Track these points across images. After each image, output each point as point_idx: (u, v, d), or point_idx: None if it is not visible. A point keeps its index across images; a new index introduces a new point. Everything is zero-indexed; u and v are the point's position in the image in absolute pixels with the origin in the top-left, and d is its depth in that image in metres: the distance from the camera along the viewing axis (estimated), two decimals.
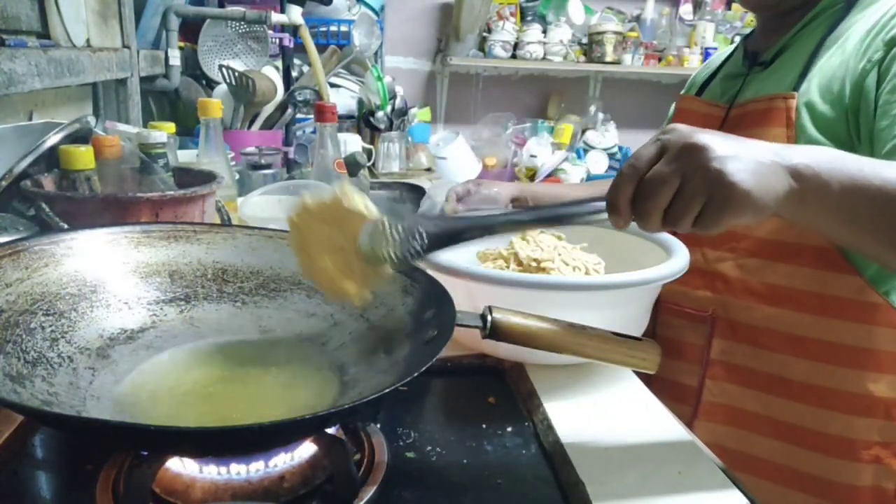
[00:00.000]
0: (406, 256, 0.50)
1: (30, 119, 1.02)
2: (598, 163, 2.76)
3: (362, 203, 0.52)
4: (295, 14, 1.61)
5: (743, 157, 0.46)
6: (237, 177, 1.14)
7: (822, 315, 0.76)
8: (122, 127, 1.02)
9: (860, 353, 0.75)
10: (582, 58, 2.76)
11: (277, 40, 1.79)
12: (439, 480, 0.51)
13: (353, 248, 0.51)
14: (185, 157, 1.11)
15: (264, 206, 0.95)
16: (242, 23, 1.63)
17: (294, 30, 1.69)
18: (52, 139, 0.72)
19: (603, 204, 0.50)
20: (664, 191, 0.47)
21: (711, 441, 0.60)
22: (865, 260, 0.73)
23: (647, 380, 0.66)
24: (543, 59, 2.70)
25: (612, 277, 0.67)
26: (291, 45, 1.81)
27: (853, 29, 0.74)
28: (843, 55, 0.73)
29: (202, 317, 0.59)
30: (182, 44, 1.58)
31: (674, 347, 0.88)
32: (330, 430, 0.48)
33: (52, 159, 0.72)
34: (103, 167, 0.74)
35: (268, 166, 1.26)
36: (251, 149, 1.33)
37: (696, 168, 0.46)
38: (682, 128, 0.48)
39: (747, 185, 0.45)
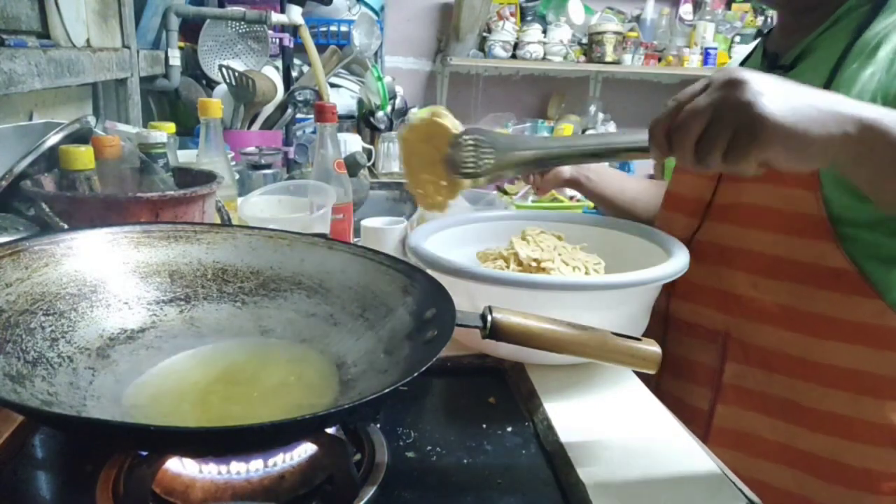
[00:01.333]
0: (478, 169, 0.60)
1: (30, 119, 1.02)
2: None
3: (450, 121, 0.63)
4: (295, 14, 1.61)
5: (787, 95, 0.46)
6: (237, 177, 1.14)
7: (839, 340, 0.72)
8: (122, 127, 1.02)
9: (880, 380, 0.71)
10: (582, 58, 2.75)
11: (277, 40, 1.79)
12: (439, 480, 0.51)
13: (441, 161, 0.63)
14: (185, 157, 1.11)
15: (264, 206, 0.95)
16: (242, 23, 1.63)
17: (294, 30, 1.69)
18: (52, 139, 0.72)
19: (646, 136, 0.52)
20: (695, 122, 0.48)
21: None
22: (888, 283, 0.69)
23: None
24: (543, 59, 2.70)
25: (612, 277, 0.67)
26: (291, 45, 1.81)
27: (886, 37, 0.68)
28: (873, 66, 0.68)
29: (202, 317, 0.59)
30: (182, 44, 1.58)
31: (684, 367, 0.84)
32: (330, 430, 0.48)
33: (52, 159, 0.72)
34: (103, 167, 0.74)
35: (268, 166, 1.26)
36: (251, 149, 1.33)
37: (728, 100, 0.46)
38: (733, 66, 0.50)
39: (780, 118, 0.44)
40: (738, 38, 2.84)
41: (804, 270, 0.72)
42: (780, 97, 0.46)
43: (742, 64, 0.90)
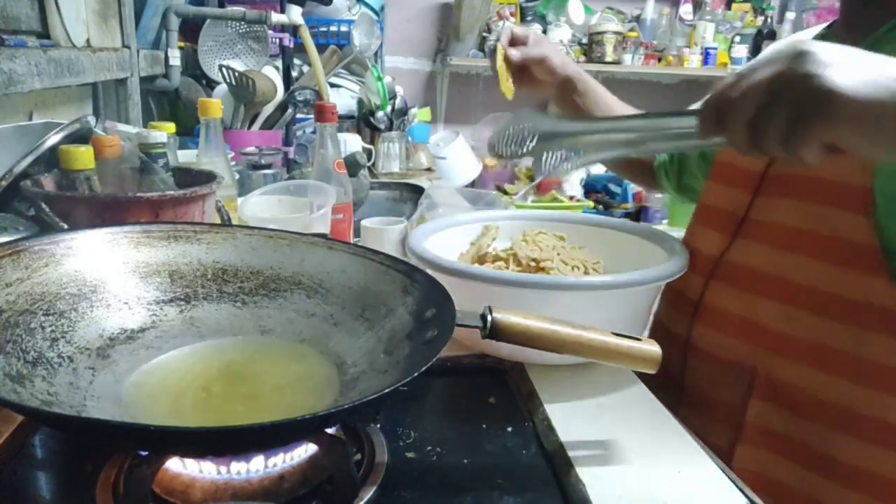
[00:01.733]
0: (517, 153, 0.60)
1: (30, 119, 1.02)
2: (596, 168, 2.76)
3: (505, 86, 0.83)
4: (295, 14, 1.61)
5: (860, 66, 0.39)
6: (237, 177, 1.14)
7: (887, 391, 0.62)
8: (122, 127, 1.02)
9: None
10: (582, 58, 2.76)
11: (277, 40, 1.79)
12: (439, 480, 0.51)
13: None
14: (185, 157, 1.11)
15: (264, 206, 0.95)
16: (242, 23, 1.63)
17: (294, 30, 1.69)
18: (52, 139, 0.72)
19: (694, 116, 0.46)
20: (752, 96, 0.41)
21: None
22: None
23: None
24: None
25: (611, 277, 0.67)
26: (291, 45, 1.81)
27: None
28: None
29: (202, 317, 0.59)
30: (182, 44, 1.58)
31: (703, 401, 0.76)
32: (330, 430, 0.48)
33: (52, 159, 0.72)
34: (103, 167, 0.74)
35: (268, 166, 1.26)
36: (251, 149, 1.33)
37: (791, 73, 0.40)
38: (805, 39, 0.44)
39: (850, 90, 0.38)
40: (738, 38, 2.84)
41: (849, 307, 0.63)
42: (851, 68, 0.39)
43: None
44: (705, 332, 0.75)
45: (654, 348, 0.54)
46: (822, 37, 0.75)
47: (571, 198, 2.65)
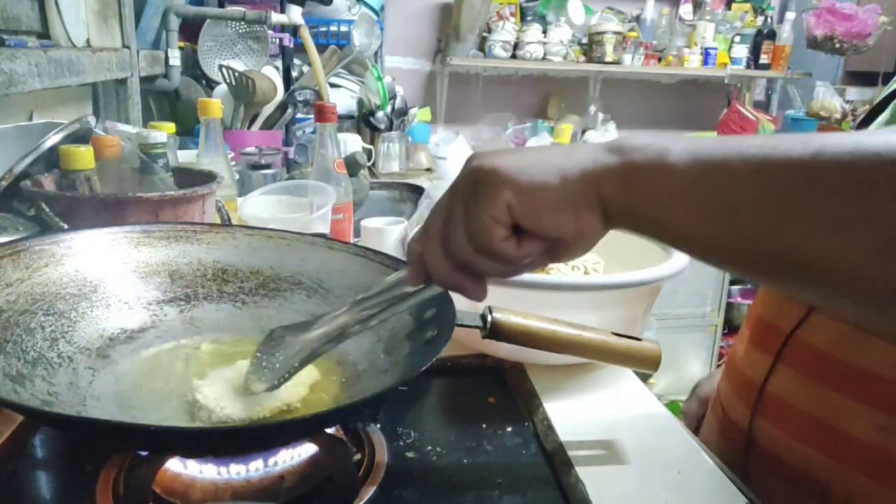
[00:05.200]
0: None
1: (30, 119, 1.02)
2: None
3: None
4: (295, 14, 1.61)
5: (519, 153, 0.37)
6: (237, 177, 1.14)
7: None
8: (122, 127, 1.02)
9: None
10: (582, 58, 2.75)
11: (277, 40, 1.79)
12: (439, 480, 0.51)
13: None
14: (185, 157, 1.10)
15: (264, 206, 0.95)
16: (242, 23, 1.63)
17: (294, 30, 1.69)
18: (52, 139, 0.72)
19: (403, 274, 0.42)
20: (436, 217, 0.38)
21: None
22: None
23: None
24: (543, 59, 2.70)
25: (611, 277, 0.67)
26: (291, 45, 1.81)
27: None
28: None
29: (202, 317, 0.59)
30: (182, 44, 1.58)
31: None
32: (330, 430, 0.48)
33: (52, 159, 0.72)
34: (103, 167, 0.74)
35: (268, 166, 1.26)
36: (251, 149, 1.33)
37: (458, 181, 0.38)
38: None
39: (501, 163, 0.35)
40: (738, 38, 2.84)
41: None
42: (511, 154, 0.37)
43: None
44: (768, 427, 0.59)
45: (653, 348, 0.54)
46: None
47: None
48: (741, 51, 2.80)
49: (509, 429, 0.58)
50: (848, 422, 0.53)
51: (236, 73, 1.47)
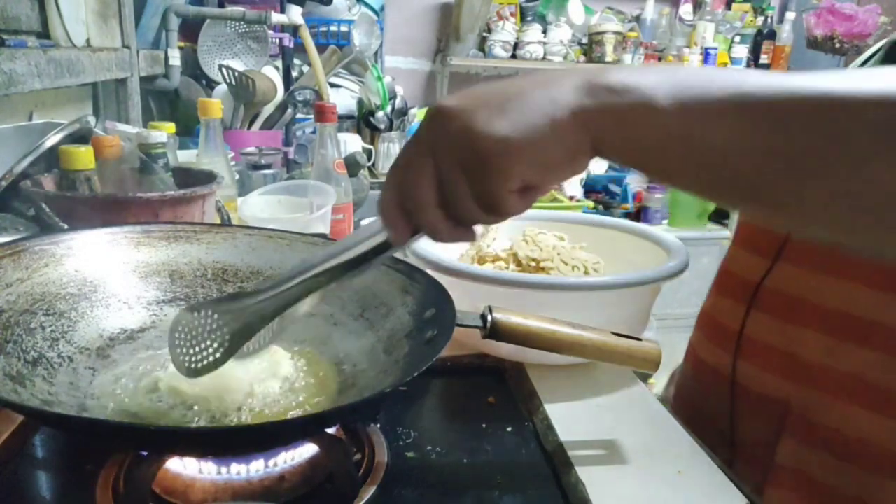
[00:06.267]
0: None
1: (30, 119, 1.02)
2: (597, 162, 2.77)
3: None
4: (295, 14, 1.61)
5: (501, 100, 0.35)
6: (237, 177, 1.14)
7: None
8: (122, 127, 1.02)
9: None
10: (582, 58, 2.75)
11: (277, 40, 1.79)
12: (439, 480, 0.51)
13: None
14: (185, 157, 1.11)
15: (264, 206, 0.95)
16: (242, 23, 1.63)
17: (294, 30, 1.69)
18: (52, 139, 0.72)
19: (378, 226, 0.40)
20: (422, 177, 0.36)
21: None
22: None
23: None
24: (543, 59, 2.70)
25: (611, 277, 0.67)
26: (291, 45, 1.81)
27: None
28: None
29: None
30: (182, 44, 1.59)
31: (740, 442, 0.69)
32: (330, 430, 0.48)
33: (52, 159, 0.72)
34: (103, 167, 0.74)
35: (268, 166, 1.26)
36: (251, 149, 1.33)
37: (439, 138, 0.36)
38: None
39: (502, 132, 0.34)
40: (738, 38, 2.84)
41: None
42: (493, 107, 0.35)
43: (863, 63, 0.70)
44: (748, 368, 0.68)
45: (653, 348, 0.54)
46: (887, 49, 0.66)
47: (571, 198, 2.64)
48: (741, 51, 2.80)
49: (509, 429, 0.58)
50: (801, 347, 0.63)
51: (236, 73, 1.47)
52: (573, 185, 2.73)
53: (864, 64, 0.69)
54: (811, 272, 0.63)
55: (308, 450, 0.48)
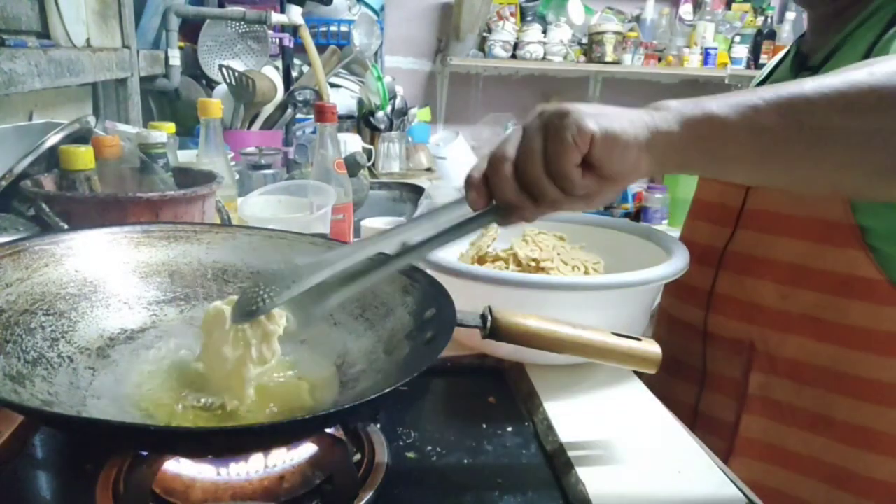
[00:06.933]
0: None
1: (30, 119, 1.02)
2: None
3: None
4: (295, 14, 1.61)
5: (602, 108, 0.44)
6: (237, 177, 1.14)
7: (870, 351, 0.69)
8: (122, 127, 1.02)
9: None
10: (582, 58, 2.76)
11: (277, 40, 1.79)
12: (439, 480, 0.51)
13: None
14: (185, 157, 1.11)
15: (264, 206, 0.95)
16: (242, 23, 1.63)
17: (294, 30, 1.69)
18: (52, 139, 0.72)
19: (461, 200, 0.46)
20: (506, 144, 0.44)
21: (749, 478, 0.55)
22: None
23: (683, 411, 0.64)
24: (543, 59, 2.70)
25: (611, 277, 0.67)
26: (291, 45, 1.81)
27: None
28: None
29: (202, 317, 0.59)
30: (182, 44, 1.58)
31: (711, 379, 0.83)
32: (330, 430, 0.48)
33: (52, 159, 0.72)
34: (103, 167, 0.74)
35: (268, 166, 1.26)
36: (251, 149, 1.33)
37: (534, 121, 0.44)
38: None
39: (588, 111, 0.42)
40: (738, 38, 2.84)
41: (833, 280, 0.70)
42: (592, 108, 0.43)
43: (775, 67, 0.88)
44: (717, 319, 0.82)
45: (654, 348, 0.54)
46: (796, 47, 0.82)
47: None
48: (741, 51, 2.80)
49: (509, 429, 0.58)
50: (761, 296, 0.76)
51: (236, 73, 1.47)
52: None
53: (779, 63, 0.86)
54: (764, 235, 0.77)
55: (308, 450, 0.48)
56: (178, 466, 0.46)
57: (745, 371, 0.78)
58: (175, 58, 1.52)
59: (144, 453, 0.44)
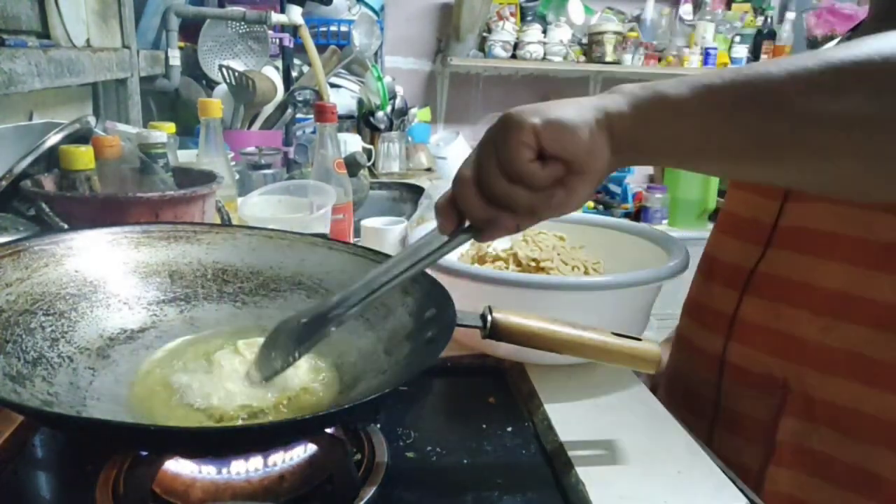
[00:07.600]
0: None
1: (30, 119, 1.02)
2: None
3: None
4: (295, 14, 1.61)
5: (539, 104, 0.43)
6: (237, 177, 1.14)
7: None
8: (122, 127, 1.02)
9: None
10: (582, 58, 2.75)
11: (277, 40, 1.79)
12: (439, 480, 0.51)
13: None
14: (185, 157, 1.11)
15: (264, 206, 0.95)
16: (242, 23, 1.63)
17: (294, 30, 1.69)
18: (52, 139, 0.72)
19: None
20: (463, 167, 0.43)
21: None
22: None
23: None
24: (543, 59, 2.70)
25: (611, 277, 0.67)
26: (291, 45, 1.81)
27: None
28: None
29: (202, 317, 0.59)
30: (182, 44, 1.59)
31: (737, 421, 0.72)
32: (330, 430, 0.48)
33: (52, 159, 0.72)
34: (103, 167, 0.74)
35: (268, 166, 1.26)
36: (251, 149, 1.33)
37: (487, 131, 0.43)
38: None
39: (525, 107, 0.42)
40: (738, 38, 2.84)
41: (886, 313, 0.60)
42: (535, 105, 0.43)
43: None
44: (740, 349, 0.71)
45: (653, 348, 0.54)
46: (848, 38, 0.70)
47: None
48: (741, 51, 2.80)
49: (509, 429, 0.58)
50: (798, 327, 0.66)
51: (236, 73, 1.47)
52: None
53: None
54: (803, 256, 0.66)
55: (308, 450, 0.48)
56: (178, 466, 0.46)
57: (774, 414, 0.67)
58: (175, 58, 1.52)
59: (144, 453, 0.44)
